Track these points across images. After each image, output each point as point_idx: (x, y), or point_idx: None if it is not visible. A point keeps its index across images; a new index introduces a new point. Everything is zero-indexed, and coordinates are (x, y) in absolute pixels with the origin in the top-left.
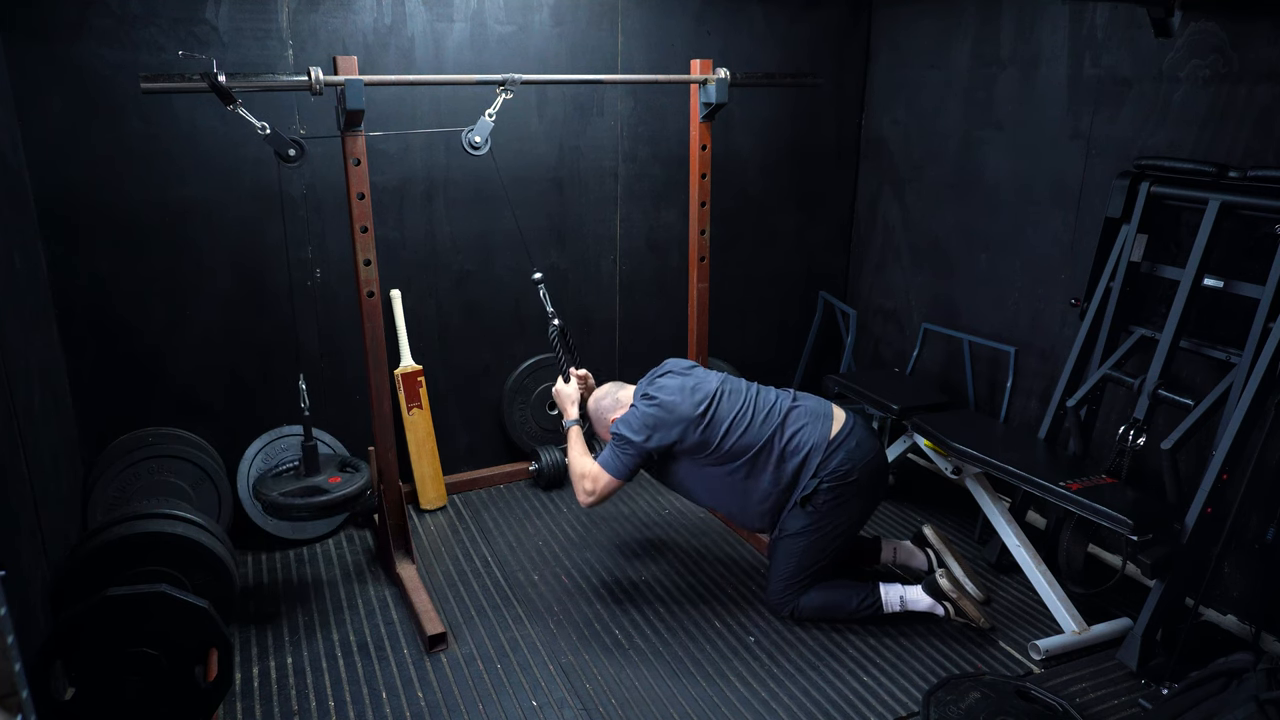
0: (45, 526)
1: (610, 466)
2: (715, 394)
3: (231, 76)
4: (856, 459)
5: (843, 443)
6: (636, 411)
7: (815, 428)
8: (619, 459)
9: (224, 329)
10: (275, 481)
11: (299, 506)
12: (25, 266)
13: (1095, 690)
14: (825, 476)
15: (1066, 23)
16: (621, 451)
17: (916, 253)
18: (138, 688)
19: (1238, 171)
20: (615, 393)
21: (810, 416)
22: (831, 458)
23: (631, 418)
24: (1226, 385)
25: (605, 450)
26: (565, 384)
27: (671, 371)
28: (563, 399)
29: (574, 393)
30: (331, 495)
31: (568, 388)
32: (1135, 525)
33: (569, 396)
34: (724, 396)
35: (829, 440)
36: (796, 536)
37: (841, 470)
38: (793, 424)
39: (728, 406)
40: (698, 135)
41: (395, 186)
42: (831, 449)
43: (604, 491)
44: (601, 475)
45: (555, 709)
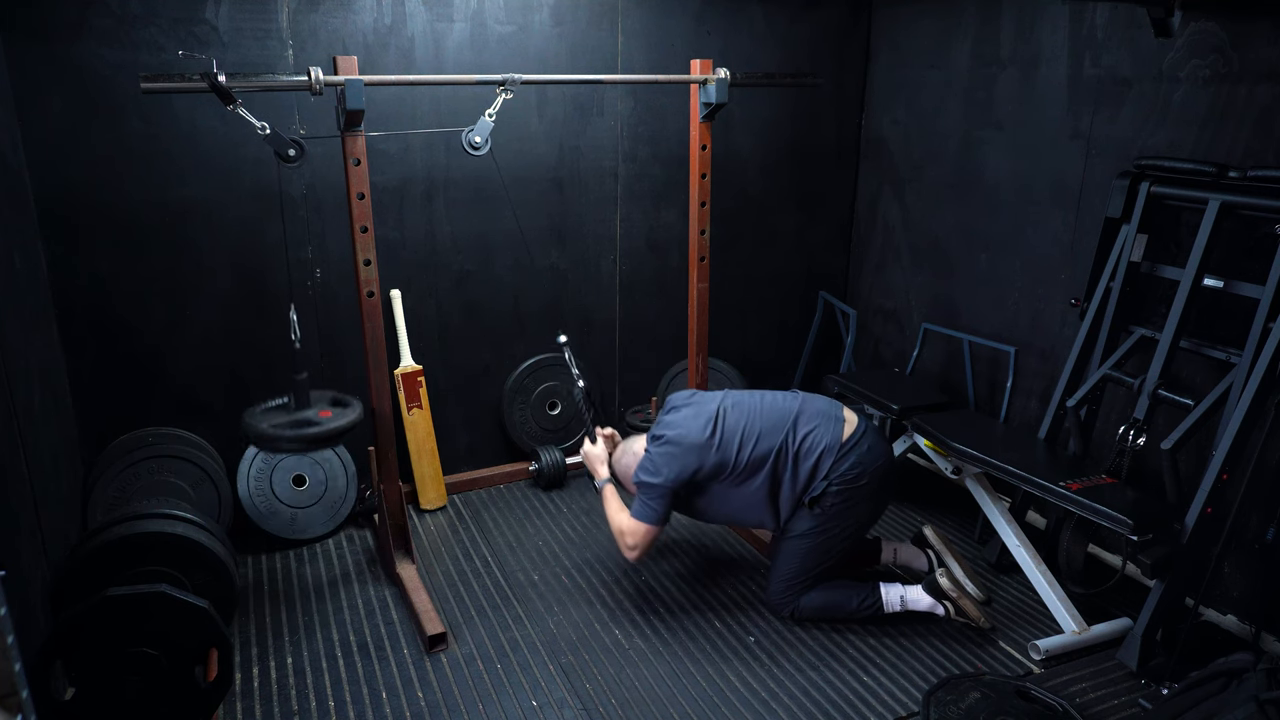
0: (45, 526)
1: (644, 516)
2: (718, 412)
3: (231, 76)
4: (867, 463)
5: (854, 446)
6: (650, 455)
7: (827, 429)
8: (648, 506)
9: (224, 329)
10: (265, 415)
11: (289, 438)
12: (25, 266)
13: (1095, 690)
14: (834, 479)
15: (1066, 23)
16: (649, 498)
17: (916, 253)
18: (138, 688)
19: (1238, 171)
20: (631, 446)
21: (821, 418)
22: (842, 460)
23: (648, 462)
24: (1226, 385)
25: (635, 502)
26: (593, 445)
27: (674, 407)
28: (592, 460)
29: (602, 452)
30: (323, 428)
31: (595, 448)
32: (1135, 525)
33: (598, 457)
34: (727, 412)
35: (841, 443)
36: (802, 538)
37: (852, 474)
38: (804, 426)
39: (734, 421)
40: (698, 135)
41: (395, 186)
42: (843, 452)
43: (645, 542)
44: (638, 528)
45: (555, 709)
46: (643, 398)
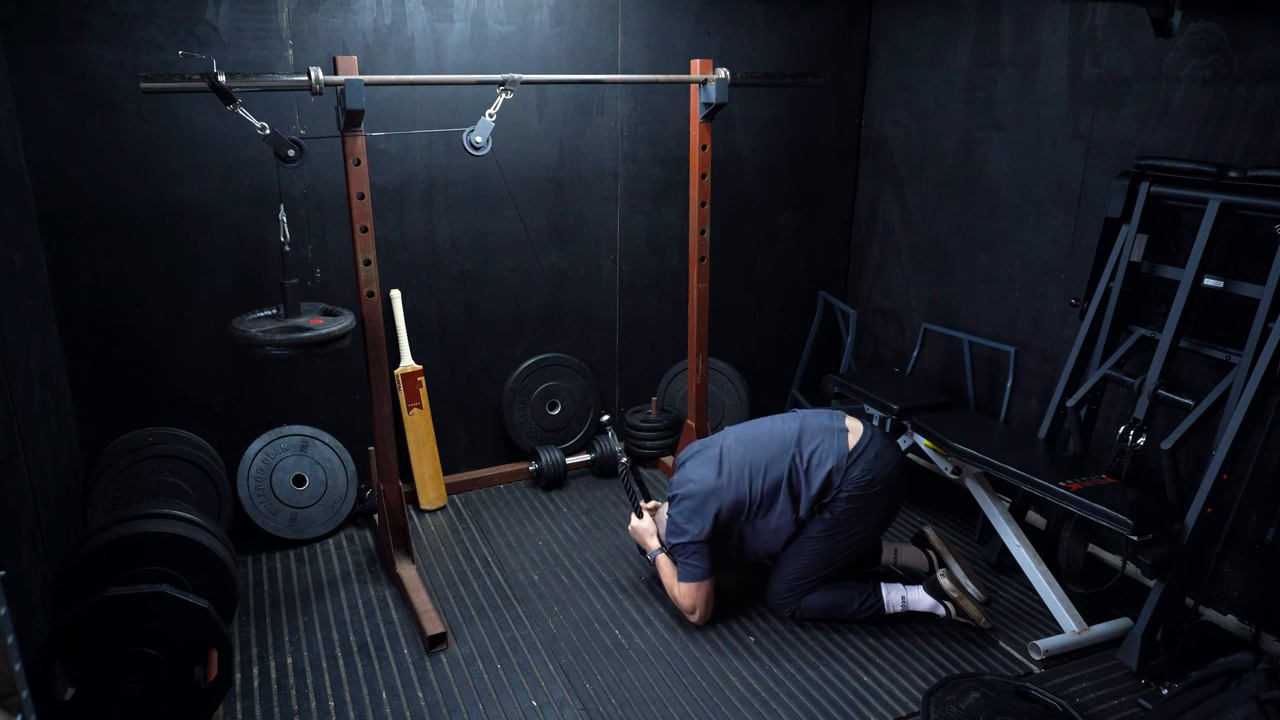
0: (45, 526)
1: (688, 576)
2: (721, 453)
3: (231, 76)
4: (877, 469)
5: (861, 454)
6: (672, 516)
7: (831, 443)
8: (688, 564)
9: (224, 329)
10: (254, 322)
11: (279, 343)
12: (25, 266)
13: (1095, 690)
14: (846, 486)
15: (1066, 23)
16: (686, 556)
17: (916, 253)
18: (138, 688)
19: (1238, 171)
20: (661, 515)
21: (824, 433)
22: (852, 469)
23: (672, 524)
24: (1226, 385)
25: (678, 565)
26: (640, 520)
27: (681, 464)
28: (641, 534)
29: (649, 525)
30: (315, 333)
31: (644, 523)
32: (1135, 525)
33: (647, 530)
34: (729, 450)
35: (848, 453)
36: (811, 541)
37: (864, 481)
38: (808, 444)
39: (739, 456)
40: (698, 135)
41: (395, 186)
42: (851, 461)
43: (700, 599)
44: (687, 588)
45: (555, 709)
46: (643, 398)
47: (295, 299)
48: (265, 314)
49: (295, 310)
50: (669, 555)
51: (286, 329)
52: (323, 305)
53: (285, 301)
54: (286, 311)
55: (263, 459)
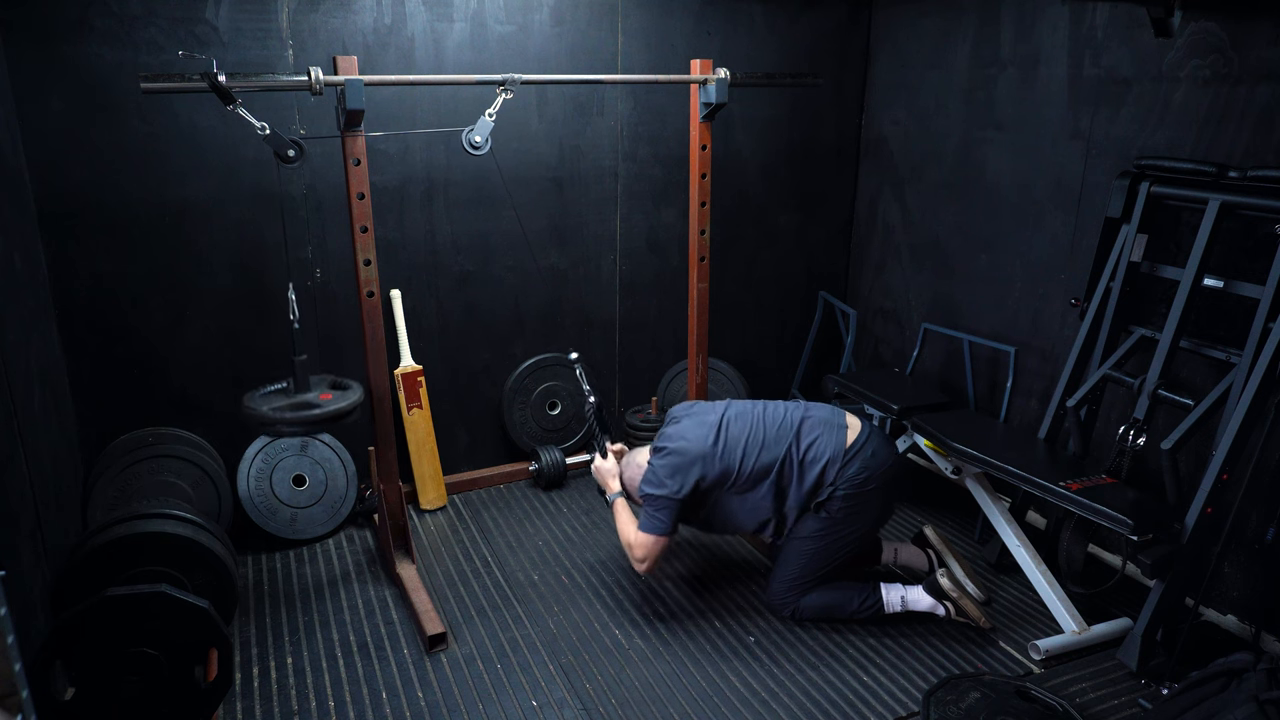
0: (45, 526)
1: (651, 528)
2: (721, 421)
3: (231, 76)
4: (873, 467)
5: (859, 452)
6: (653, 466)
7: (830, 437)
8: (655, 518)
9: (224, 329)
10: (265, 398)
11: (290, 421)
12: (25, 266)
13: (1095, 690)
14: (841, 484)
15: (1066, 23)
16: (655, 510)
17: (916, 253)
18: (138, 688)
19: (1238, 171)
20: (634, 458)
21: (824, 427)
22: (848, 466)
23: (651, 474)
24: (1226, 385)
25: (641, 514)
26: (603, 459)
27: (675, 419)
28: (603, 475)
29: (613, 466)
30: (324, 410)
31: (606, 463)
32: (1135, 525)
33: (609, 471)
34: (731, 422)
35: (845, 449)
36: (807, 540)
37: (860, 479)
38: (807, 435)
39: (737, 430)
40: (698, 135)
41: (395, 186)
42: (848, 458)
43: (654, 554)
44: (646, 539)
45: (555, 709)
46: (643, 397)
47: (305, 375)
48: (276, 388)
49: (305, 385)
50: (632, 501)
51: (297, 406)
52: (331, 377)
53: (295, 377)
54: (296, 386)
55: (263, 459)
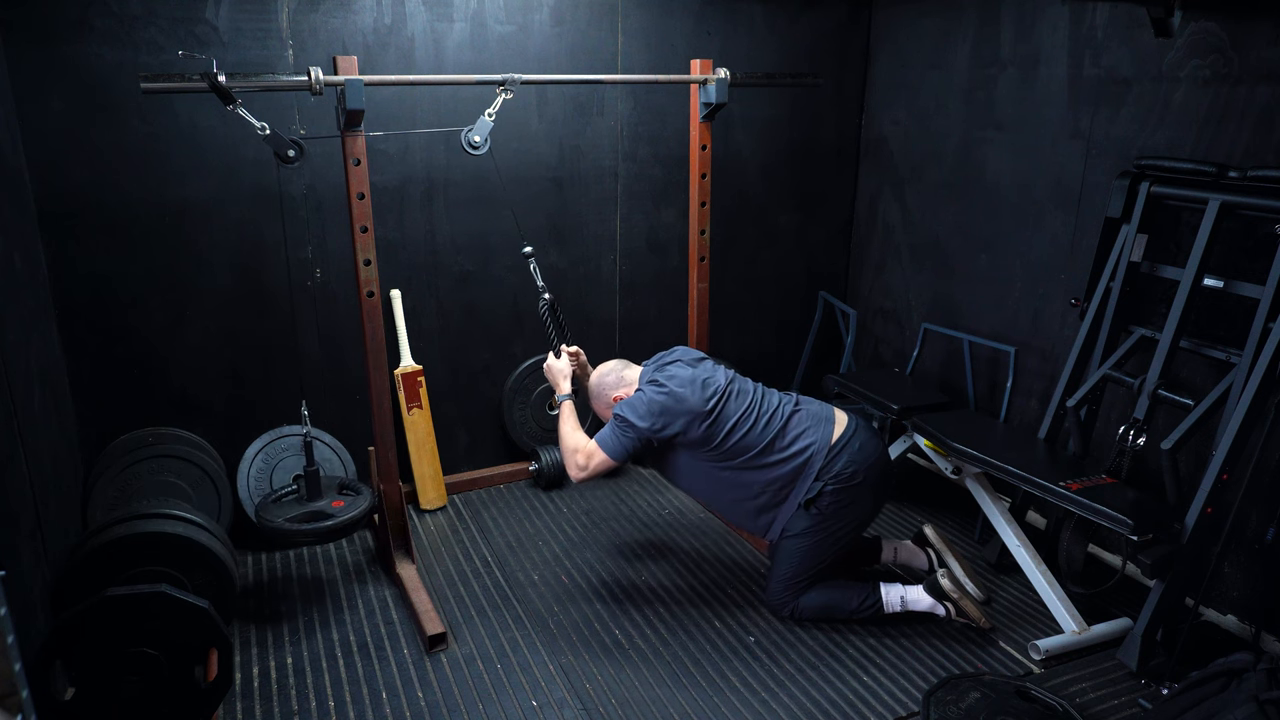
0: (45, 526)
1: (608, 446)
2: (725, 392)
3: (231, 76)
4: (859, 462)
5: (845, 446)
6: (643, 396)
7: (817, 431)
8: (618, 440)
9: (224, 329)
10: (278, 508)
11: (307, 533)
12: (25, 266)
13: (1095, 690)
14: (829, 479)
15: (1066, 23)
16: (622, 433)
17: (916, 253)
18: (138, 688)
19: (1238, 171)
20: (620, 370)
21: (812, 420)
22: (834, 461)
23: (637, 402)
24: (1226, 385)
25: (605, 429)
26: (556, 359)
27: (680, 360)
28: (554, 374)
29: (566, 368)
30: (338, 519)
31: (559, 363)
32: (1135, 525)
33: (561, 371)
34: (732, 396)
35: (830, 444)
36: (799, 538)
37: (846, 473)
38: (794, 428)
39: (734, 406)
40: (698, 135)
41: (395, 186)
42: (834, 452)
43: (597, 468)
44: (597, 453)
45: (555, 709)
46: None
47: (317, 483)
48: (285, 492)
49: (317, 493)
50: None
51: (311, 516)
52: (337, 479)
53: (307, 486)
54: (308, 495)
55: (263, 459)
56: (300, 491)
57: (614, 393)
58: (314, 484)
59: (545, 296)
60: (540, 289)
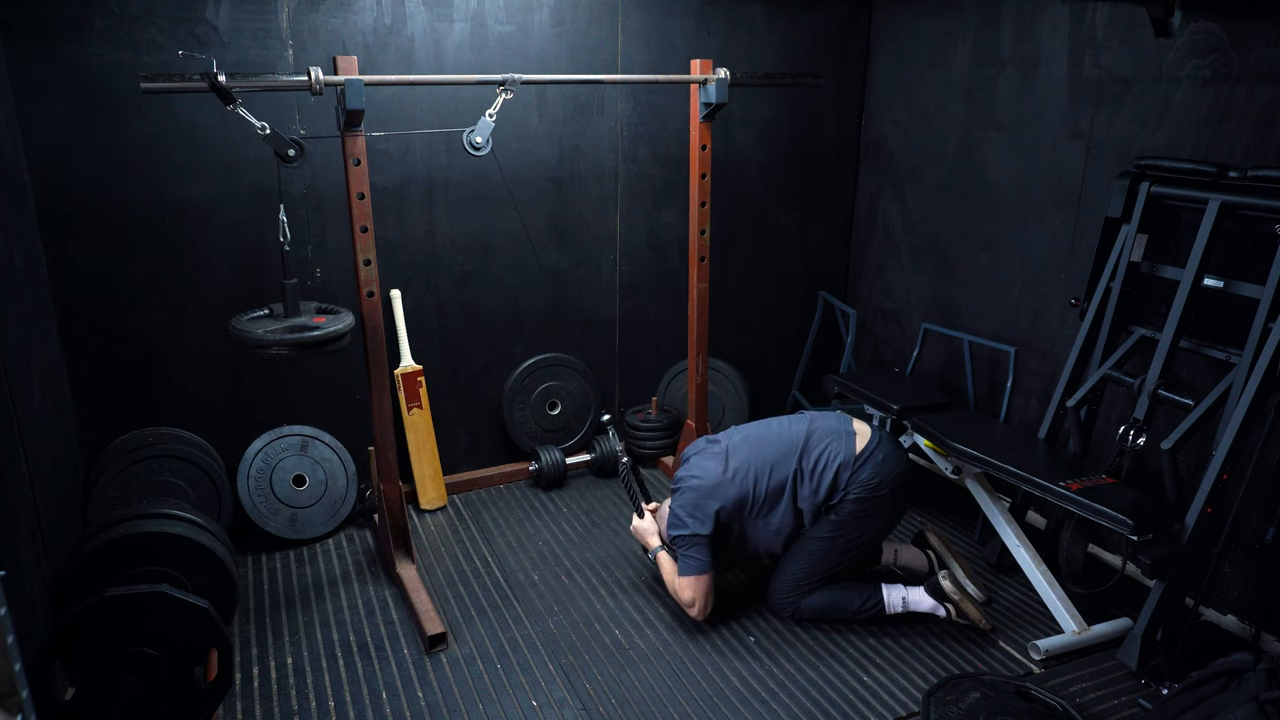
0: (45, 526)
1: (688, 569)
2: (727, 450)
3: (231, 76)
4: (884, 472)
5: (870, 456)
6: (674, 508)
7: (839, 445)
8: (689, 557)
9: (224, 329)
10: (255, 323)
11: (287, 342)
12: (25, 266)
13: (1095, 690)
14: (852, 488)
15: (1066, 23)
16: (686, 549)
17: (916, 253)
18: (138, 688)
19: (1238, 171)
20: (663, 509)
21: (832, 435)
22: (860, 472)
23: (674, 516)
24: (1226, 385)
25: (679, 559)
26: (641, 520)
27: (686, 459)
28: (643, 534)
29: (650, 525)
30: (321, 332)
31: (644, 522)
32: (1135, 525)
33: (648, 530)
34: (737, 447)
35: (855, 456)
36: (816, 541)
37: (872, 483)
38: (816, 445)
39: (744, 455)
40: (698, 135)
41: (395, 186)
42: (860, 464)
43: (700, 593)
44: (688, 583)
45: (555, 709)
46: (643, 398)
47: (295, 298)
48: (262, 313)
49: (295, 310)
50: (669, 549)
51: (291, 329)
52: (316, 304)
53: (285, 301)
54: (287, 311)
55: (263, 459)
56: (277, 312)
57: (664, 526)
58: (293, 299)
59: (624, 461)
60: (619, 453)
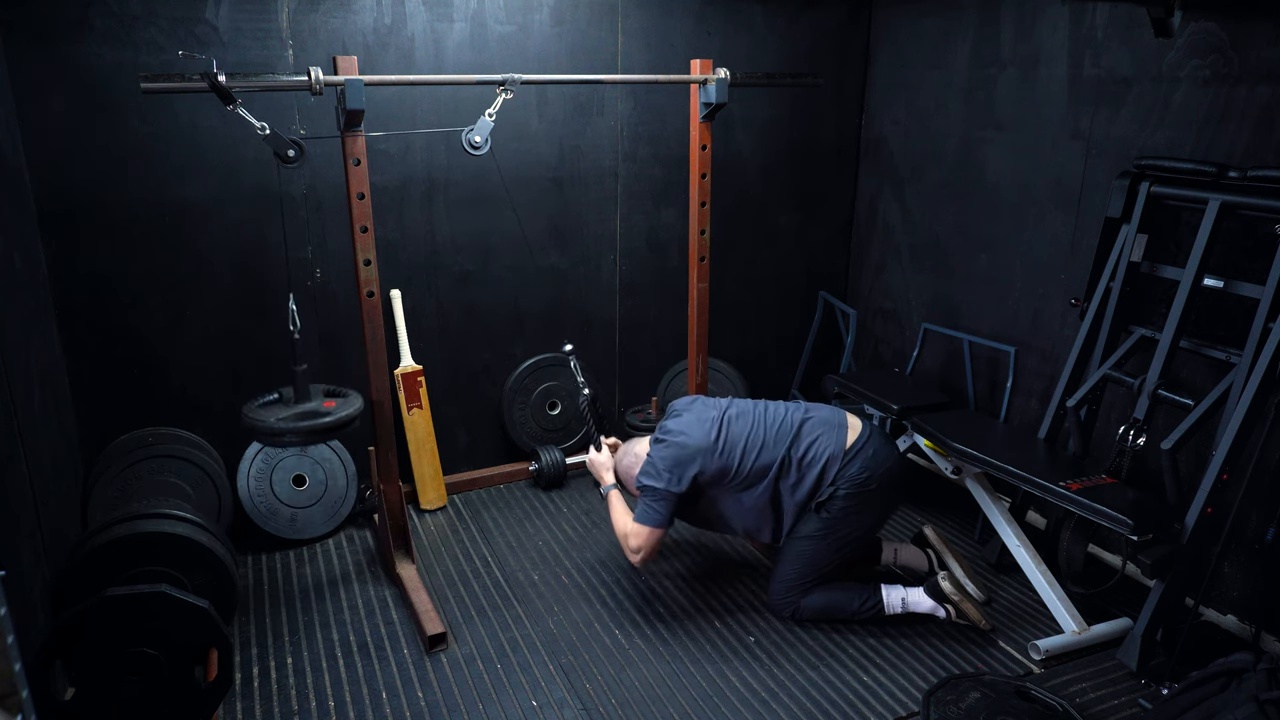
0: (45, 526)
1: (646, 519)
2: (723, 419)
3: (231, 76)
4: (874, 467)
5: (860, 451)
6: (652, 458)
7: (831, 437)
8: (652, 509)
9: (224, 329)
10: (266, 410)
11: (301, 430)
12: (25, 266)
13: (1095, 690)
14: (842, 484)
15: (1066, 23)
16: (653, 501)
17: (916, 253)
18: (138, 688)
19: (1238, 171)
20: (633, 448)
21: (825, 427)
22: (849, 466)
23: (649, 466)
24: (1226, 385)
25: (638, 505)
26: (598, 452)
27: (676, 413)
28: (597, 468)
29: (607, 459)
30: (332, 418)
31: (601, 456)
32: (1135, 525)
33: (603, 464)
34: (732, 420)
35: (845, 449)
36: (807, 539)
37: (861, 478)
38: (807, 435)
39: (738, 428)
40: (698, 135)
41: (395, 186)
42: (849, 458)
43: (649, 545)
44: (642, 531)
45: (555, 709)
46: (643, 398)
47: (305, 384)
48: (271, 398)
49: (305, 395)
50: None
51: (303, 415)
52: (324, 386)
53: (295, 386)
54: (297, 396)
55: (263, 459)
56: (287, 396)
57: (634, 470)
58: (302, 385)
59: (585, 392)
60: (581, 385)
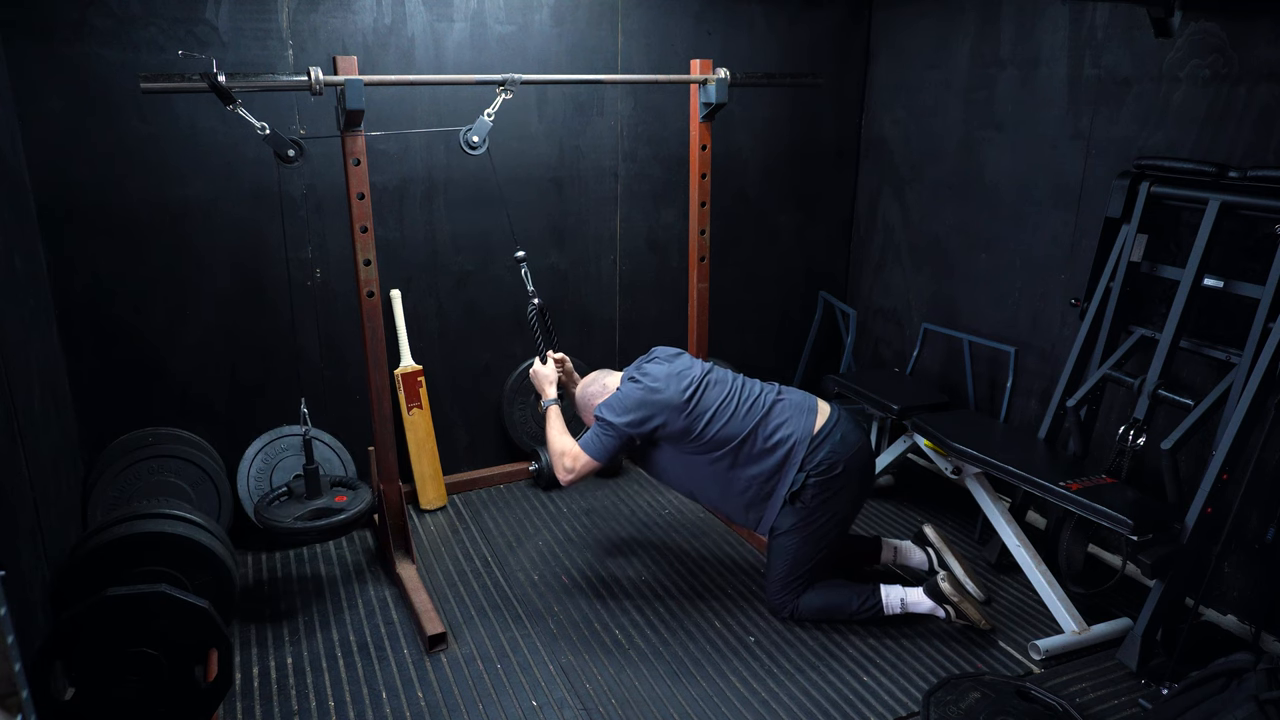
0: (45, 526)
1: (591, 448)
2: (700, 382)
3: (231, 76)
4: (841, 453)
5: (827, 436)
6: (621, 393)
7: (799, 421)
8: (600, 441)
9: (224, 329)
10: (282, 509)
11: (321, 529)
12: (25, 266)
13: (1095, 690)
14: (811, 471)
15: (1066, 23)
16: (604, 434)
17: (916, 253)
18: (138, 688)
19: (1238, 171)
20: (602, 379)
21: (794, 410)
22: (816, 451)
23: (615, 401)
24: (1226, 385)
25: (588, 432)
26: (543, 365)
27: (658, 358)
28: (540, 380)
29: (552, 373)
30: (347, 514)
31: (545, 369)
32: (1135, 525)
33: (546, 377)
34: (709, 386)
35: (813, 435)
36: (788, 534)
37: (827, 464)
38: (776, 416)
39: (713, 395)
40: (698, 135)
41: (395, 186)
42: (816, 443)
43: (582, 471)
44: (581, 455)
45: (555, 709)
46: None
47: (317, 481)
48: (281, 492)
49: (316, 491)
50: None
51: (317, 513)
52: (331, 477)
53: (307, 482)
54: (308, 492)
55: (263, 459)
56: (298, 491)
57: (597, 399)
58: (314, 481)
59: (534, 301)
60: (530, 294)
